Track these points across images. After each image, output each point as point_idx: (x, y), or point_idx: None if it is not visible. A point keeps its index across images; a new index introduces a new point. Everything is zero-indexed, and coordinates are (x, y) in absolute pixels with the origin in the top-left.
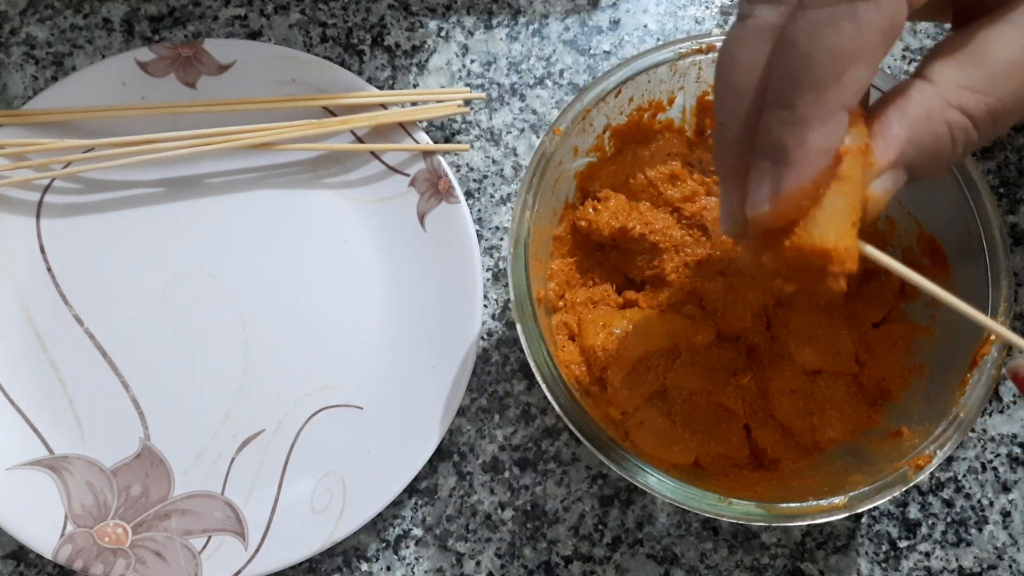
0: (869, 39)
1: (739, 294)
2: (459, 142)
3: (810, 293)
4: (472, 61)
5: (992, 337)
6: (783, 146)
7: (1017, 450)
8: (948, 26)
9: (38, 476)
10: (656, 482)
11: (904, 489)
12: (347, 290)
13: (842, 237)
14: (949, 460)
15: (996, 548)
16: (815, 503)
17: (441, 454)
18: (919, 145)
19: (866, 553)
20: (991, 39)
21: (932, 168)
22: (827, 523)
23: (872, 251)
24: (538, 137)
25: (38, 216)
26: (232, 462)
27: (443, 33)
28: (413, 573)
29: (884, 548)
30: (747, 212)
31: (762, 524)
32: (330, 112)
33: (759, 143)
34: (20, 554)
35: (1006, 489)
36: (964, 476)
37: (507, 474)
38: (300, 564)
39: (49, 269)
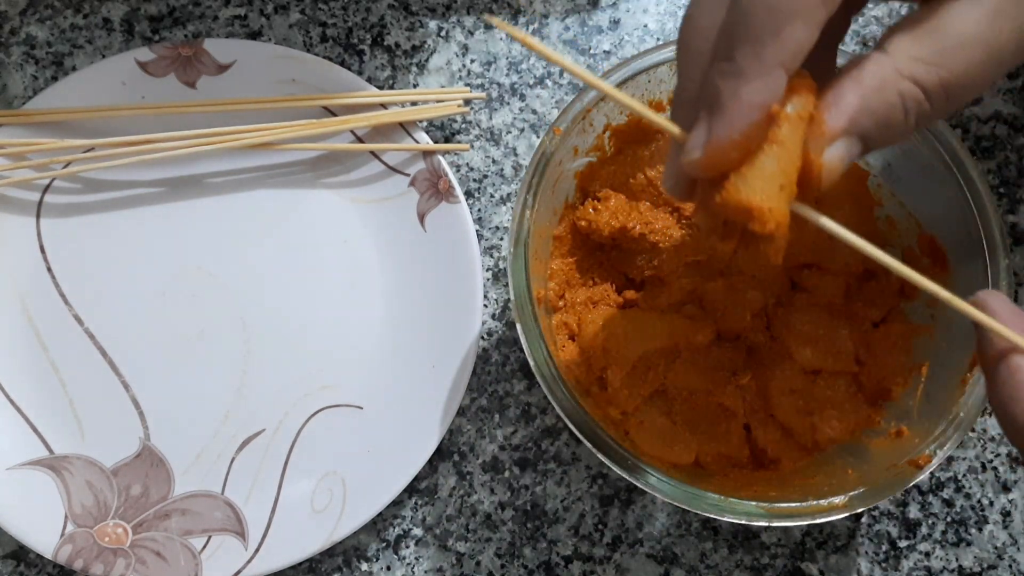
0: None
1: (739, 294)
2: (459, 142)
3: (755, 262)
4: (472, 61)
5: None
6: (718, 95)
7: (1017, 450)
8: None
9: (38, 476)
10: (656, 482)
11: (904, 489)
12: (347, 290)
13: (768, 198)
14: (949, 460)
15: (996, 548)
16: (815, 503)
17: (441, 454)
18: (872, 114)
19: (866, 553)
20: (950, 13)
21: (885, 138)
22: (827, 523)
23: (808, 212)
24: (538, 137)
25: (38, 216)
26: (232, 462)
27: (443, 33)
28: (413, 573)
29: (884, 548)
30: (682, 159)
31: (762, 524)
32: (330, 112)
33: (700, 94)
34: (20, 554)
35: (1006, 489)
36: (964, 476)
37: (507, 474)
38: (300, 564)
39: (49, 269)
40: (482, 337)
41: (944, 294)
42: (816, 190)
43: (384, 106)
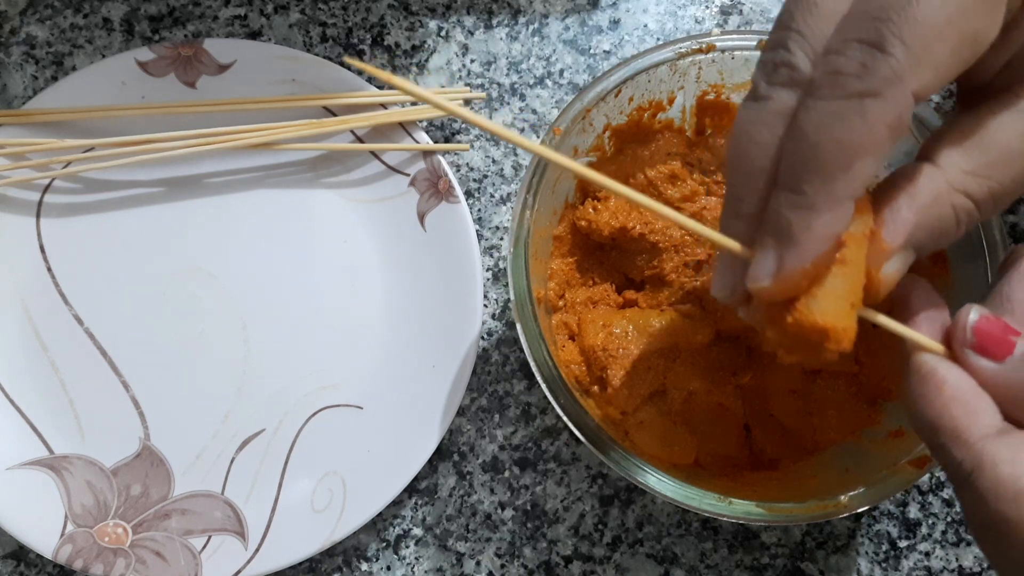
0: (876, 134)
1: None
2: (459, 142)
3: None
4: (472, 61)
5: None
6: (789, 228)
7: None
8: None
9: (38, 476)
10: (656, 482)
11: (904, 489)
12: (347, 290)
13: (841, 317)
14: None
15: None
16: (815, 503)
17: (441, 454)
18: (927, 228)
19: (866, 553)
20: (995, 125)
21: (936, 246)
22: (827, 523)
23: (867, 313)
24: (538, 137)
25: (38, 216)
26: (232, 462)
27: (443, 33)
28: (413, 573)
29: (884, 548)
30: (748, 284)
31: (762, 524)
32: (330, 112)
33: (767, 220)
34: (20, 554)
35: None
36: None
37: (507, 474)
38: (300, 564)
39: (49, 269)
40: (482, 337)
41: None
42: (874, 301)
43: (384, 106)
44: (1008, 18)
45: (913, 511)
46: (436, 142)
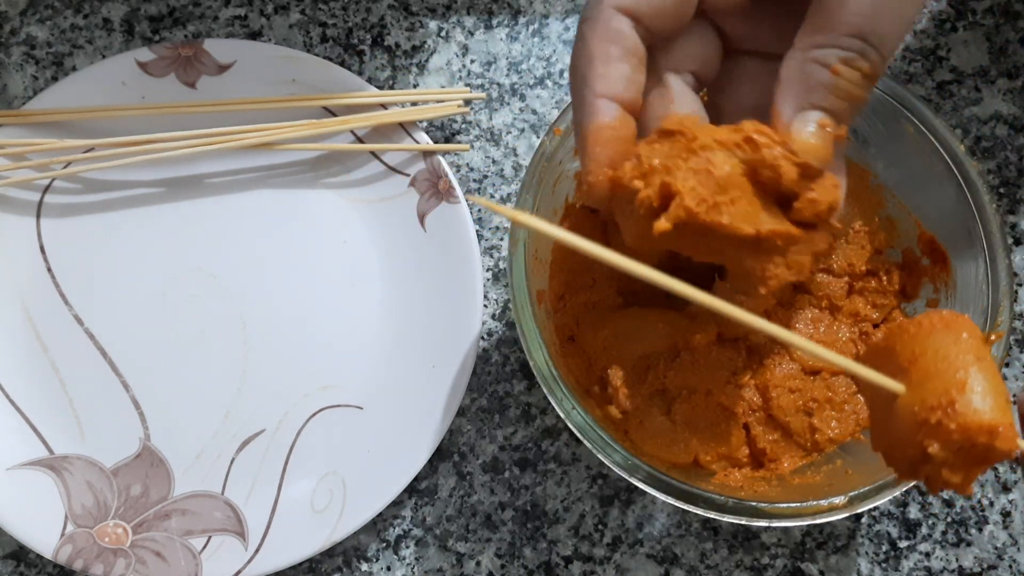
0: (595, 46)
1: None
2: (459, 142)
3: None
4: (472, 61)
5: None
6: (575, 129)
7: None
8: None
9: (38, 476)
10: (656, 482)
11: (904, 489)
12: (347, 290)
13: (1001, 414)
14: None
15: (996, 548)
16: (815, 503)
17: (441, 454)
18: (805, 88)
19: (866, 553)
20: None
21: (840, 99)
22: (827, 523)
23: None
24: (538, 137)
25: (38, 216)
26: (232, 462)
27: (443, 33)
28: (413, 573)
29: (884, 548)
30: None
31: (762, 524)
32: (330, 112)
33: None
34: (20, 554)
35: (1006, 489)
36: None
37: (507, 474)
38: (300, 564)
39: (49, 269)
40: (482, 337)
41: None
42: (819, 161)
43: (384, 106)
44: None
45: (913, 511)
46: (436, 142)
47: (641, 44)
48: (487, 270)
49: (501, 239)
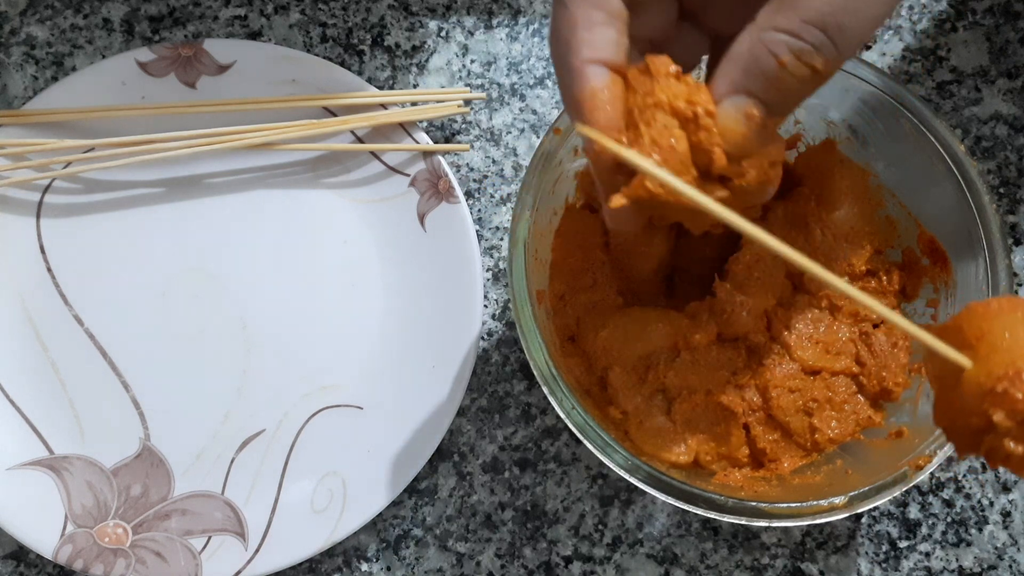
0: (578, 11)
1: (747, 295)
2: (459, 142)
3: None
4: (472, 61)
5: None
6: (570, 105)
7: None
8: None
9: (38, 476)
10: (656, 482)
11: (904, 489)
12: (347, 290)
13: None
14: (949, 460)
15: (996, 548)
16: (815, 503)
17: (441, 454)
18: (746, 72)
19: (866, 553)
20: None
21: (771, 87)
22: (827, 523)
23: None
24: (538, 137)
25: (38, 216)
26: (232, 462)
27: (443, 33)
28: (413, 573)
29: (884, 548)
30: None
31: (762, 524)
32: (330, 112)
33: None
34: (20, 554)
35: (1006, 489)
36: (964, 476)
37: (507, 474)
38: (300, 564)
39: (49, 269)
40: (482, 337)
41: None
42: (733, 149)
43: (384, 106)
44: None
45: (913, 511)
46: (436, 142)
47: (623, 7)
48: (487, 270)
49: (501, 239)
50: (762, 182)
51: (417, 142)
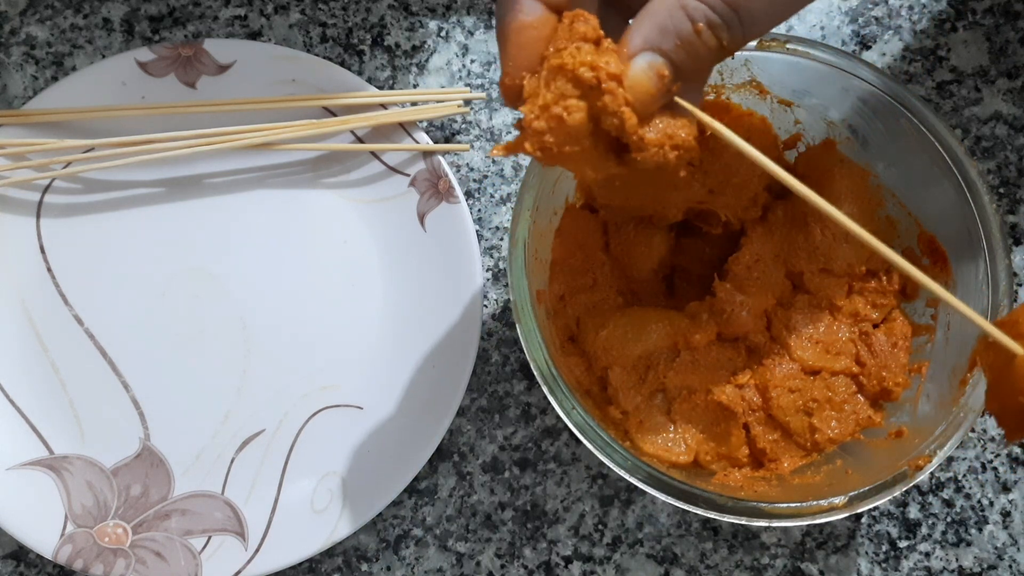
0: None
1: (747, 295)
2: (459, 142)
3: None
4: (472, 61)
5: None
6: (499, 35)
7: (1017, 450)
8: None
9: (38, 476)
10: (656, 482)
11: (904, 489)
12: (347, 290)
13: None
14: (949, 460)
15: (996, 548)
16: (815, 503)
17: (441, 454)
18: (662, 31)
19: (866, 553)
20: None
21: (683, 51)
22: (827, 523)
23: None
24: None
25: (38, 216)
26: (232, 462)
27: (443, 33)
28: (413, 573)
29: (884, 548)
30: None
31: (762, 524)
32: (330, 112)
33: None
34: (20, 554)
35: (1006, 489)
36: (964, 476)
37: (507, 474)
38: (300, 564)
39: (49, 269)
40: (482, 337)
41: (942, 292)
42: (641, 109)
43: (384, 106)
44: None
45: (913, 511)
46: (436, 142)
47: None
48: (487, 270)
49: (501, 239)
50: (658, 163)
51: (417, 142)
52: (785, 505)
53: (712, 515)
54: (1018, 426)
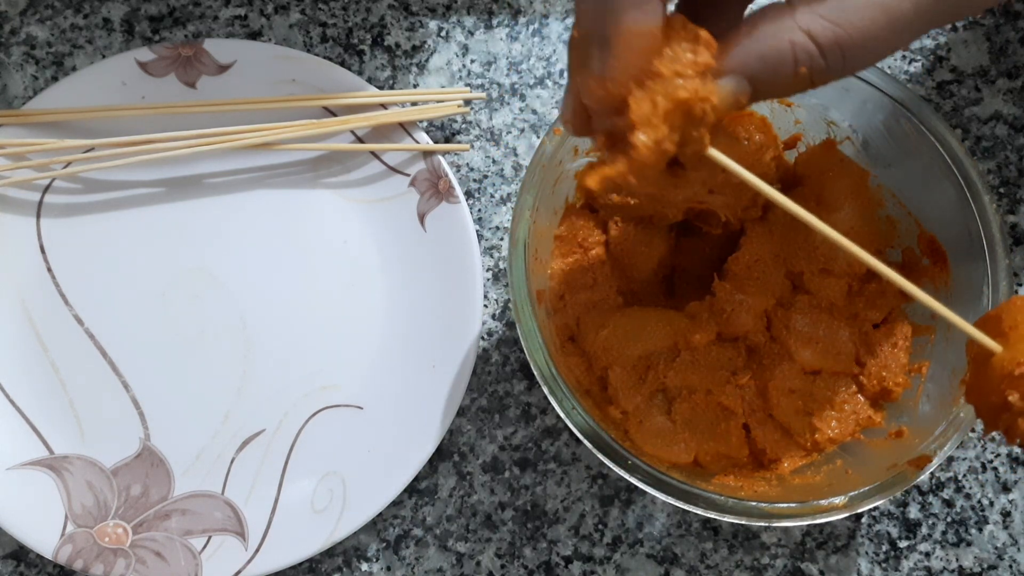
0: None
1: (747, 295)
2: (459, 142)
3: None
4: (472, 61)
5: None
6: (604, 31)
7: (1017, 450)
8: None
9: (38, 476)
10: (656, 482)
11: (904, 489)
12: (347, 290)
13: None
14: (949, 460)
15: (996, 548)
16: (815, 503)
17: (441, 454)
18: (761, 58)
19: (866, 553)
20: None
21: (773, 84)
22: (827, 523)
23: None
24: (538, 137)
25: (38, 216)
26: (232, 462)
27: (443, 33)
28: (413, 573)
29: (884, 548)
30: (580, 91)
31: (762, 524)
32: (330, 112)
33: (587, 31)
34: (20, 554)
35: (1006, 489)
36: (964, 476)
37: (507, 474)
38: (300, 564)
39: (49, 269)
40: (482, 337)
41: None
42: (715, 116)
43: (384, 106)
44: None
45: (913, 511)
46: (436, 142)
47: None
48: (487, 270)
49: (501, 239)
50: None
51: (417, 142)
52: (785, 505)
53: (712, 515)
54: (993, 420)
